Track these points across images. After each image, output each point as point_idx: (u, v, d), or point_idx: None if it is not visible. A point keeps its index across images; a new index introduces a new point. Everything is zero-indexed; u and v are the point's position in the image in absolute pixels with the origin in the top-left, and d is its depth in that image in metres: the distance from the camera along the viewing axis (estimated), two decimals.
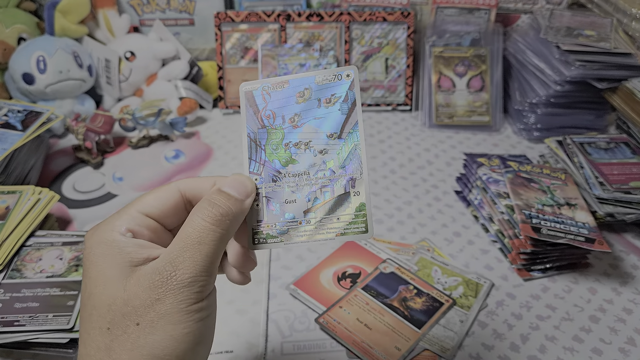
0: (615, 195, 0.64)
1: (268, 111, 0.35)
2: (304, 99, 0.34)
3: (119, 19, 0.94)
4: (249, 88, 0.35)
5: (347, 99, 0.34)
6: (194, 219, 0.30)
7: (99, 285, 0.29)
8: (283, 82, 0.35)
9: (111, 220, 0.31)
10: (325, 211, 0.33)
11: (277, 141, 0.34)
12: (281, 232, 0.34)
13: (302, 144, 0.34)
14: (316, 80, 0.34)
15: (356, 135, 0.34)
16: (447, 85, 0.92)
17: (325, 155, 0.34)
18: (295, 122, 0.34)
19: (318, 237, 0.33)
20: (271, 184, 0.34)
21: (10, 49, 0.85)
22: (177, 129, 0.85)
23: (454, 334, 0.54)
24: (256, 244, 0.34)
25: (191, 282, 0.29)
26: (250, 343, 0.53)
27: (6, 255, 0.55)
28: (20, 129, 0.71)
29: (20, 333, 0.49)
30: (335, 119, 0.34)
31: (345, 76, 0.34)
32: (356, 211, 0.33)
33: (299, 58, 0.90)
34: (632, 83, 0.78)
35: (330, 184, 0.34)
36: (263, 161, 0.34)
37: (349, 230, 0.33)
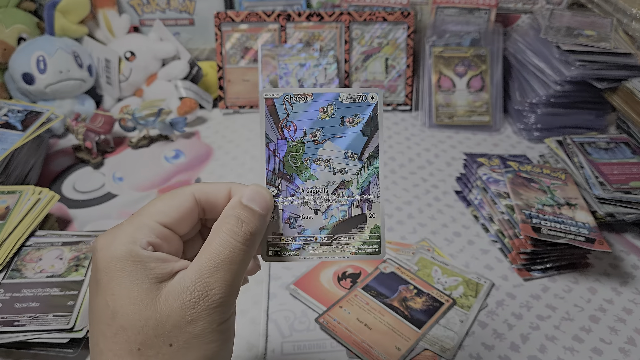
0: (615, 195, 0.64)
1: (289, 122, 0.34)
2: (327, 115, 0.34)
3: (119, 19, 0.94)
4: (270, 95, 0.34)
5: (370, 121, 0.34)
6: (224, 236, 0.29)
7: (125, 304, 0.28)
8: (307, 94, 0.34)
9: (129, 231, 0.30)
10: (341, 230, 0.34)
11: (297, 155, 0.34)
12: (297, 246, 0.34)
13: (323, 160, 0.34)
14: (341, 98, 0.34)
15: (376, 159, 0.34)
16: (447, 85, 0.92)
17: (344, 175, 0.34)
18: (316, 138, 0.34)
19: (333, 254, 0.34)
20: (289, 198, 0.34)
21: (10, 49, 0.85)
22: (177, 129, 0.85)
23: (454, 333, 0.54)
24: (270, 255, 0.34)
25: (222, 303, 0.28)
26: (250, 343, 0.53)
27: (6, 255, 0.55)
28: (20, 129, 0.71)
29: (20, 333, 0.49)
30: (356, 139, 0.34)
31: (370, 98, 0.34)
32: (371, 232, 0.34)
33: (299, 58, 0.90)
34: (632, 83, 0.78)
35: (348, 203, 0.34)
36: (281, 174, 0.34)
37: (362, 250, 0.34)
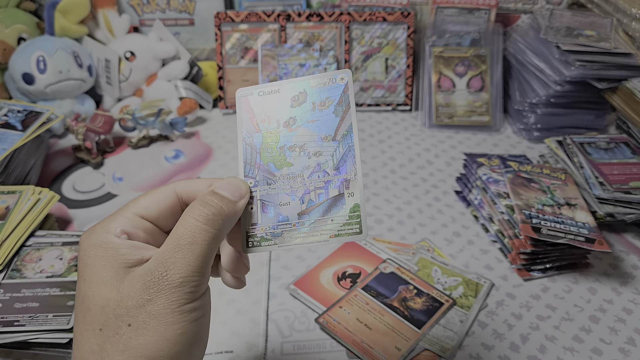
0: (615, 195, 0.64)
1: (263, 115, 0.35)
2: (299, 102, 0.35)
3: (119, 19, 0.94)
4: (244, 93, 0.36)
5: (342, 101, 0.34)
6: (187, 219, 0.30)
7: (93, 287, 0.29)
8: (278, 88, 0.35)
9: (106, 222, 0.31)
10: (319, 213, 0.33)
11: (272, 145, 0.35)
12: (275, 234, 0.34)
13: (297, 146, 0.34)
14: (311, 85, 0.35)
15: (350, 137, 0.34)
16: (447, 85, 0.92)
17: (319, 158, 0.34)
18: (290, 126, 0.35)
19: (312, 239, 0.33)
20: (266, 187, 0.34)
21: (10, 49, 0.85)
22: (177, 129, 0.85)
23: (454, 334, 0.54)
24: (250, 247, 0.34)
25: (182, 283, 0.28)
26: (250, 343, 0.53)
27: (6, 255, 0.55)
28: (20, 129, 0.71)
29: (20, 333, 0.49)
30: (329, 121, 0.34)
31: (339, 79, 0.34)
32: (350, 212, 0.33)
33: (299, 58, 0.90)
34: (632, 83, 0.78)
35: (325, 185, 0.34)
36: (258, 164, 0.35)
37: (343, 231, 0.33)
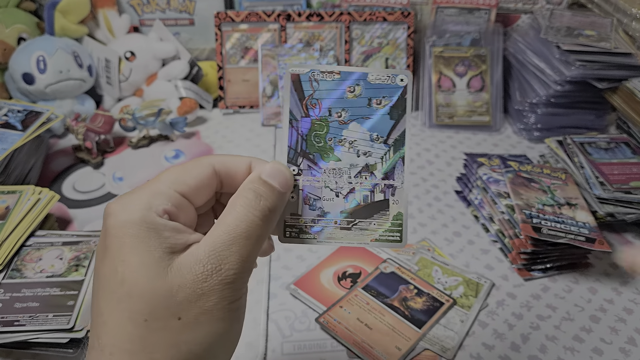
0: (615, 195, 0.64)
1: (314, 100, 0.33)
2: (354, 94, 0.33)
3: (119, 19, 0.94)
4: (296, 70, 0.33)
5: (398, 104, 0.33)
6: (241, 210, 0.28)
7: (134, 270, 0.26)
8: (334, 72, 0.33)
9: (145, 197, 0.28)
10: (362, 214, 0.33)
11: (321, 134, 0.33)
12: (316, 229, 0.32)
13: (347, 141, 0.33)
14: (369, 78, 0.33)
15: (402, 143, 0.33)
16: (447, 85, 0.92)
17: (368, 158, 0.33)
18: (342, 118, 0.33)
19: (353, 239, 0.32)
20: (310, 178, 0.33)
21: (10, 49, 0.85)
22: (177, 129, 0.85)
23: (455, 333, 0.54)
24: (288, 237, 0.33)
25: (235, 279, 0.27)
26: (250, 343, 0.53)
27: (6, 255, 0.55)
28: (20, 129, 0.71)
29: (20, 333, 0.49)
30: (383, 122, 0.33)
31: (399, 80, 0.33)
32: (393, 219, 0.32)
33: (299, 58, 0.90)
34: (632, 83, 0.78)
35: (371, 187, 0.33)
36: (304, 153, 0.33)
37: (383, 237, 0.32)
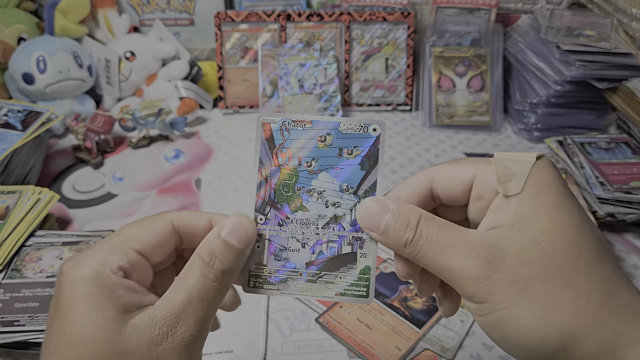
0: (615, 195, 0.64)
1: (284, 149, 0.32)
2: (325, 144, 0.32)
3: (119, 19, 0.94)
4: (267, 120, 0.32)
5: (370, 154, 0.32)
6: (197, 272, 0.28)
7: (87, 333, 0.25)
8: (305, 121, 0.32)
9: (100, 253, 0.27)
10: (328, 267, 0.32)
11: (289, 184, 0.32)
12: (280, 280, 0.32)
13: (316, 192, 0.32)
14: (340, 127, 0.32)
15: (373, 194, 0.32)
16: (447, 85, 0.92)
17: (337, 209, 0.32)
18: (311, 167, 0.32)
19: (316, 292, 0.32)
20: (276, 228, 0.32)
21: (10, 49, 0.85)
22: (177, 129, 0.85)
23: (455, 333, 0.54)
24: (251, 287, 0.32)
25: (192, 341, 0.27)
26: (250, 343, 0.53)
27: (6, 255, 0.55)
28: (20, 129, 0.71)
29: (20, 333, 0.49)
30: (353, 172, 0.32)
31: (372, 130, 0.32)
32: (360, 273, 0.32)
33: (299, 58, 0.90)
34: (632, 83, 0.78)
35: (338, 240, 0.32)
36: (272, 202, 0.32)
37: (349, 291, 0.32)
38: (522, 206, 0.26)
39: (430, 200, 0.31)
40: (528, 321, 0.25)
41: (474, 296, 0.26)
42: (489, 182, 0.28)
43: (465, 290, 0.27)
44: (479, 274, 0.26)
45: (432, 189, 0.30)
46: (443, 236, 0.27)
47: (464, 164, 0.29)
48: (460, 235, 0.27)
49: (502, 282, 0.25)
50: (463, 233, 0.27)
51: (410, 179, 0.31)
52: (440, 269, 0.27)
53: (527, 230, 0.26)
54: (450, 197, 0.30)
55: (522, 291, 0.25)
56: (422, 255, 0.28)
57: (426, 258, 0.27)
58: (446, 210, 0.31)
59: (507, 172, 0.27)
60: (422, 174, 0.30)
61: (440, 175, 0.30)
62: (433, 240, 0.27)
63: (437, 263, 0.27)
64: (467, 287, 0.26)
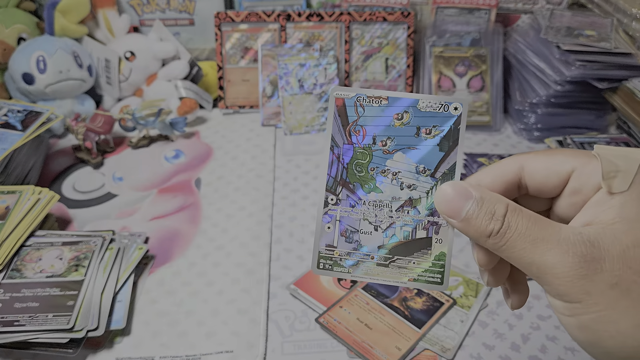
0: None
1: (358, 126, 0.31)
2: (402, 122, 0.31)
3: (119, 19, 0.94)
4: (341, 95, 0.31)
5: (450, 135, 0.30)
6: None
7: None
8: (381, 97, 0.31)
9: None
10: (401, 252, 0.31)
11: (363, 163, 0.31)
12: (351, 263, 0.31)
13: (390, 172, 0.31)
14: (419, 105, 0.30)
15: (451, 177, 0.30)
16: (447, 85, 0.92)
17: (412, 192, 0.31)
18: (386, 147, 0.31)
19: (388, 277, 0.31)
20: (348, 209, 0.31)
21: (10, 49, 0.85)
22: (177, 129, 0.85)
23: (455, 333, 0.54)
24: (321, 268, 0.31)
25: None
26: (250, 343, 0.53)
27: (6, 255, 0.55)
28: (20, 129, 0.71)
29: (20, 333, 0.49)
30: (432, 154, 0.30)
31: (452, 109, 0.30)
32: (434, 259, 0.31)
33: (299, 58, 0.90)
34: (632, 83, 0.78)
35: (413, 223, 0.31)
36: (343, 182, 0.31)
37: (422, 277, 0.31)
38: (627, 205, 0.25)
39: (516, 190, 0.29)
40: (626, 327, 0.24)
41: (565, 295, 0.25)
42: (590, 177, 0.26)
43: (556, 288, 0.25)
44: (575, 272, 0.24)
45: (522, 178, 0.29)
46: (534, 229, 0.26)
47: (561, 156, 0.28)
48: (554, 230, 0.25)
49: (601, 283, 0.24)
50: (556, 227, 0.26)
51: (496, 166, 0.29)
52: (529, 263, 0.26)
53: (631, 231, 0.24)
54: (540, 189, 0.29)
55: (624, 295, 0.24)
56: (509, 247, 0.26)
57: (512, 251, 0.26)
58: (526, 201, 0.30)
59: (613, 168, 0.26)
60: (511, 162, 0.29)
61: (533, 165, 0.28)
62: (522, 233, 0.26)
63: (525, 257, 0.26)
64: (560, 285, 0.25)
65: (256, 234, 0.66)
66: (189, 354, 0.52)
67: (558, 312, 0.26)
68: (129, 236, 0.62)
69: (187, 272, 0.61)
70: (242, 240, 0.66)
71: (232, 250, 0.64)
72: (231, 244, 0.65)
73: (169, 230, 0.68)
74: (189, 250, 0.65)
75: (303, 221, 0.69)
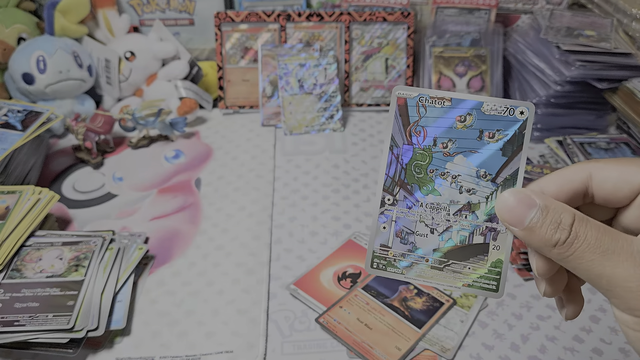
0: None
1: (419, 127, 0.31)
2: (464, 125, 0.30)
3: (119, 19, 0.94)
4: (403, 94, 0.31)
5: (514, 140, 0.30)
6: None
7: None
8: (444, 98, 0.30)
9: None
10: (457, 256, 0.30)
11: (422, 165, 0.30)
12: (405, 264, 0.31)
13: (450, 175, 0.30)
14: (483, 108, 0.30)
15: (513, 184, 0.30)
16: (447, 86, 0.92)
17: (471, 196, 0.30)
18: (447, 149, 0.30)
19: (442, 280, 0.31)
20: (404, 210, 0.31)
21: (10, 49, 0.85)
22: (177, 129, 0.85)
23: (454, 333, 0.54)
24: (375, 268, 0.31)
25: None
26: (250, 343, 0.53)
27: (6, 255, 0.55)
28: (20, 129, 0.71)
29: (20, 333, 0.49)
30: (494, 158, 0.30)
31: (518, 113, 0.30)
32: (491, 266, 0.30)
33: (299, 58, 0.90)
34: (632, 83, 0.78)
35: (470, 228, 0.30)
36: (401, 182, 0.31)
37: (477, 283, 0.30)
38: None
39: (581, 199, 0.29)
40: None
41: (637, 309, 0.24)
42: None
43: (627, 302, 0.25)
44: None
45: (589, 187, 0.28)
46: (604, 240, 0.25)
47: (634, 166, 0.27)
48: (626, 242, 0.25)
49: None
50: (628, 240, 0.25)
51: (561, 172, 0.28)
52: (598, 275, 0.25)
53: None
54: (609, 198, 0.28)
55: None
56: (576, 258, 0.25)
57: (580, 262, 0.25)
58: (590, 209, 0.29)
59: None
60: (577, 169, 0.28)
61: (603, 174, 0.28)
62: (592, 244, 0.25)
63: (594, 269, 0.25)
64: (632, 299, 0.24)
65: (256, 234, 0.67)
66: (189, 354, 0.52)
67: (627, 326, 0.26)
68: (129, 236, 0.62)
69: (187, 272, 0.61)
70: (242, 241, 0.66)
71: (232, 250, 0.64)
72: (231, 244, 0.65)
73: (169, 231, 0.68)
74: (189, 250, 0.65)
75: (303, 221, 0.69)
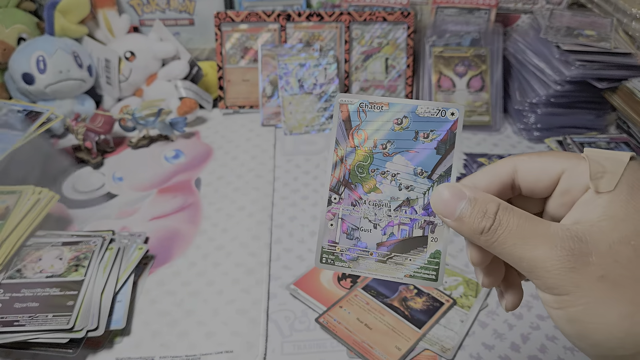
0: None
1: (360, 131, 0.33)
2: (401, 127, 0.33)
3: (119, 19, 0.94)
4: (345, 101, 0.33)
5: (446, 139, 0.32)
6: None
7: None
8: (382, 104, 0.33)
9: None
10: (398, 249, 0.32)
11: (364, 165, 0.33)
12: (351, 258, 0.33)
13: (389, 174, 0.33)
14: (418, 111, 0.32)
15: (447, 180, 0.32)
16: (447, 85, 0.92)
17: (410, 192, 0.32)
18: (386, 150, 0.33)
19: (386, 272, 0.32)
20: (349, 207, 0.33)
21: (10, 49, 0.85)
22: (177, 129, 0.85)
23: (455, 333, 0.54)
24: (324, 263, 0.33)
25: None
26: (250, 343, 0.53)
27: (6, 255, 0.55)
28: (20, 129, 0.71)
29: (20, 333, 0.49)
30: (429, 156, 0.32)
31: (449, 114, 0.32)
32: (430, 257, 0.32)
33: (299, 58, 0.90)
34: (632, 83, 0.78)
35: (410, 223, 0.32)
36: (346, 182, 0.33)
37: (418, 274, 0.32)
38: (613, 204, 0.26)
39: (509, 191, 0.30)
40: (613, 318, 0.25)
41: (555, 288, 0.26)
42: (579, 178, 0.28)
43: (546, 281, 0.26)
44: (564, 265, 0.25)
45: (515, 179, 0.30)
46: (524, 226, 0.27)
47: (552, 157, 0.29)
48: (543, 226, 0.26)
49: (588, 276, 0.25)
50: (546, 224, 0.27)
51: (491, 167, 0.30)
52: (519, 258, 0.27)
53: (616, 228, 0.26)
54: (532, 189, 0.30)
55: (611, 287, 0.25)
56: (500, 243, 0.27)
57: (504, 247, 0.27)
58: (521, 202, 0.31)
59: (600, 169, 0.27)
60: (505, 163, 0.30)
61: (526, 166, 0.29)
62: (513, 230, 0.27)
63: (515, 252, 0.27)
64: (549, 278, 0.26)
65: (256, 234, 0.67)
66: (189, 354, 0.52)
67: (548, 305, 0.27)
68: (129, 236, 0.62)
69: (187, 272, 0.61)
70: (242, 240, 0.66)
71: (232, 250, 0.64)
72: (231, 244, 0.65)
73: (169, 230, 0.68)
74: (189, 250, 0.65)
75: (303, 221, 0.69)
